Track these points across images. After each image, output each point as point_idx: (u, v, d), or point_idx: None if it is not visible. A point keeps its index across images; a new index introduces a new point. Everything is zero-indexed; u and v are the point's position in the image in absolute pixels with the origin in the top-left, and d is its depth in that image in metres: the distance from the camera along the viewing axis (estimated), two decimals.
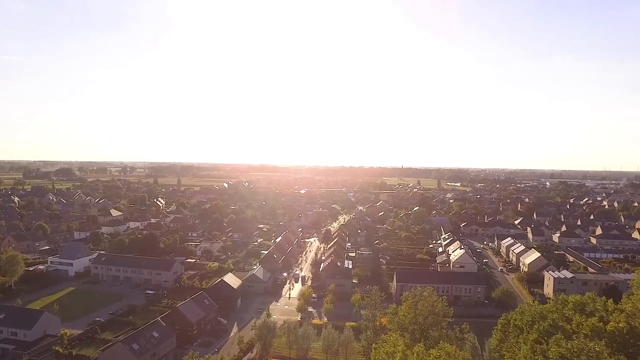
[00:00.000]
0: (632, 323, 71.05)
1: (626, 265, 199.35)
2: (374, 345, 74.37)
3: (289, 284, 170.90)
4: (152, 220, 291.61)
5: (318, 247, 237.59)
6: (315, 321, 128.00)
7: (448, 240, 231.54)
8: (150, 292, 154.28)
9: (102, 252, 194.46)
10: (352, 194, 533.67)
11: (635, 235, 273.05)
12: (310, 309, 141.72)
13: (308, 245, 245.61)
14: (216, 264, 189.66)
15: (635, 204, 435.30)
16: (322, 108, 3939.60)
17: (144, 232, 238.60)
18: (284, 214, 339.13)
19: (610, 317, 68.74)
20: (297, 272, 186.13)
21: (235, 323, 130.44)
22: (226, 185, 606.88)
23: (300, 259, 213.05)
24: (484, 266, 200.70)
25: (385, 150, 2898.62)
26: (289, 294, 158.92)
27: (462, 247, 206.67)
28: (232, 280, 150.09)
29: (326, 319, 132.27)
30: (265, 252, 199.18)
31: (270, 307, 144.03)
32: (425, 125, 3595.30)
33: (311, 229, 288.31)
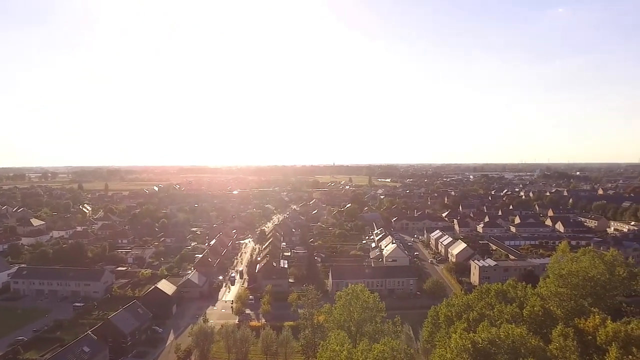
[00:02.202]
0: (546, 306, 77.71)
1: (541, 251, 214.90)
2: (321, 342, 76.05)
3: (225, 287, 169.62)
4: (78, 229, 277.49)
5: (253, 248, 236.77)
6: (253, 323, 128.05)
7: (380, 236, 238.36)
8: (78, 304, 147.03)
9: (22, 265, 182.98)
10: (285, 193, 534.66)
11: (548, 222, 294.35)
12: (247, 311, 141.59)
13: (243, 246, 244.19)
14: (149, 270, 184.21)
15: (547, 194, 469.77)
16: (251, 107, 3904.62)
17: (70, 241, 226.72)
18: (218, 216, 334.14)
19: (528, 302, 74.74)
20: (233, 275, 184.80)
21: (172, 331, 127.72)
22: (156, 188, 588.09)
23: (235, 261, 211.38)
24: (415, 259, 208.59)
25: (317, 148, 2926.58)
26: (226, 297, 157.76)
27: (394, 241, 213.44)
28: (166, 286, 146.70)
29: (264, 320, 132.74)
30: (200, 255, 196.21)
31: (207, 311, 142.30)
32: (356, 123, 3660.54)
33: (245, 230, 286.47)
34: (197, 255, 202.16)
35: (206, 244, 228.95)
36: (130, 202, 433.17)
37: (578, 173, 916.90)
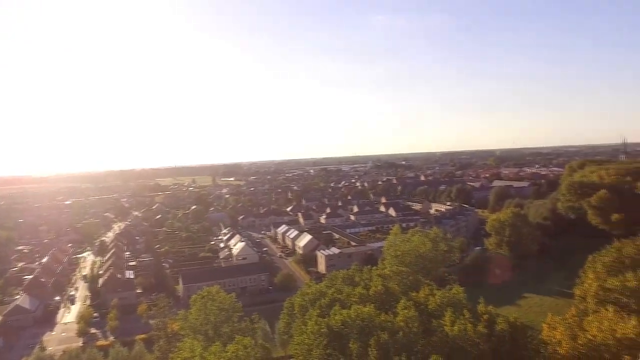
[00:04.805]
0: (388, 285, 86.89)
1: (377, 235, 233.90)
2: (170, 355, 74.48)
3: (64, 307, 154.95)
4: None
5: (93, 261, 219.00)
6: (101, 342, 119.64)
7: (228, 235, 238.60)
8: None
9: None
10: (125, 200, 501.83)
11: (382, 208, 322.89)
12: (93, 330, 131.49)
13: (82, 261, 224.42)
14: None
15: (380, 183, 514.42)
16: (81, 107, 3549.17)
17: None
18: (49, 230, 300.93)
19: (371, 284, 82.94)
20: (72, 293, 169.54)
21: None
22: None
23: (74, 277, 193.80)
24: (264, 255, 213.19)
25: (156, 149, 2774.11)
26: (66, 319, 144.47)
27: (242, 239, 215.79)
28: None
29: (113, 337, 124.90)
30: (30, 276, 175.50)
31: (44, 338, 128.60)
32: (196, 122, 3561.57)
33: (83, 242, 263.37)
34: (26, 277, 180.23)
35: (37, 263, 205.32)
36: None
37: (403, 162, 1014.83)
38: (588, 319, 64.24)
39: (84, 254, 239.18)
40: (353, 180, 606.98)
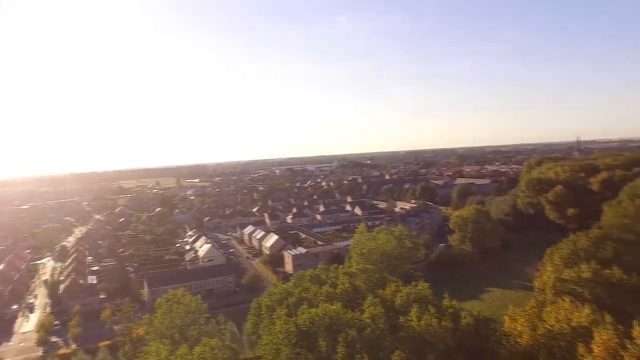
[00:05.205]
0: (354, 282, 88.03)
1: (344, 234, 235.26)
2: None
3: (23, 316, 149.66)
4: None
5: (54, 267, 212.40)
6: (62, 351, 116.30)
7: (194, 237, 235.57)
8: None
9: None
10: (86, 203, 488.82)
11: (347, 207, 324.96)
12: (54, 338, 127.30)
13: (41, 267, 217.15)
14: None
15: (345, 182, 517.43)
16: (37, 106, 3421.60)
17: None
18: (5, 236, 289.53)
19: (338, 282, 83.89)
20: (31, 301, 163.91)
21: None
22: None
23: (33, 284, 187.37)
24: (231, 256, 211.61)
25: (118, 151, 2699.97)
26: (24, 329, 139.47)
27: (208, 241, 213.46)
28: None
29: (75, 345, 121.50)
30: None
31: (1, 349, 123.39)
32: (160, 123, 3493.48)
33: (42, 248, 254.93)
34: None
35: None
36: None
37: (369, 162, 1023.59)
38: (546, 310, 66.87)
39: (44, 260, 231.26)
40: (319, 180, 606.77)
